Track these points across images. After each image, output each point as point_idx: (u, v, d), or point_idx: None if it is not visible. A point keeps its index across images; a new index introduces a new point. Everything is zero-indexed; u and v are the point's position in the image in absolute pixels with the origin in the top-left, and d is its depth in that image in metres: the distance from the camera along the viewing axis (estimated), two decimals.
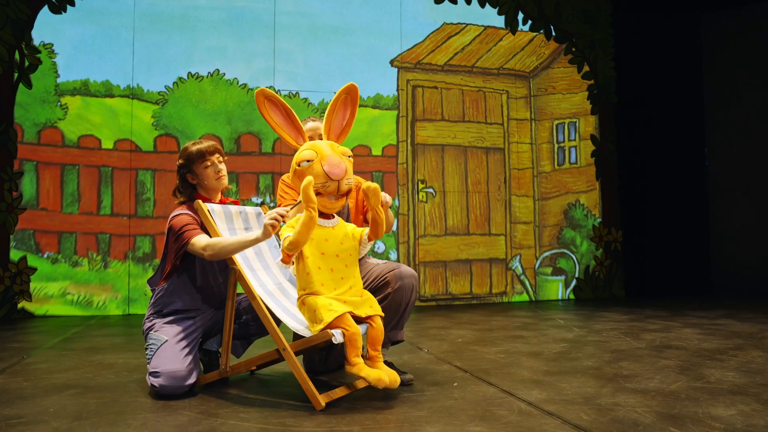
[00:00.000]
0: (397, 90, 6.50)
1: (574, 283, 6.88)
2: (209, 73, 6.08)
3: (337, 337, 2.36)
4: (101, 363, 3.33)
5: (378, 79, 6.47)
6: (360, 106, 6.52)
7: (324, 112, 6.23)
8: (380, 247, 6.33)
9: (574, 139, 6.99)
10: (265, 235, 2.42)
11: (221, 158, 2.85)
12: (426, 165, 6.50)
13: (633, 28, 7.21)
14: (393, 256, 6.34)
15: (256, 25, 6.22)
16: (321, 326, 2.36)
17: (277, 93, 6.34)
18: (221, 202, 2.91)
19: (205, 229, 2.74)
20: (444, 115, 6.58)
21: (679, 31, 7.44)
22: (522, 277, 6.71)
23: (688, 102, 7.42)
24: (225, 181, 2.86)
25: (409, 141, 6.47)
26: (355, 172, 6.28)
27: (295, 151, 2.55)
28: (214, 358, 3.00)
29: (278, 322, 2.61)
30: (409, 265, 6.28)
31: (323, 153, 2.43)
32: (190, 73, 6.04)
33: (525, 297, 6.72)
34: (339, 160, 2.42)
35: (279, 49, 6.26)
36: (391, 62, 6.52)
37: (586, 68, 7.09)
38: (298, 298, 2.51)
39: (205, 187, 2.83)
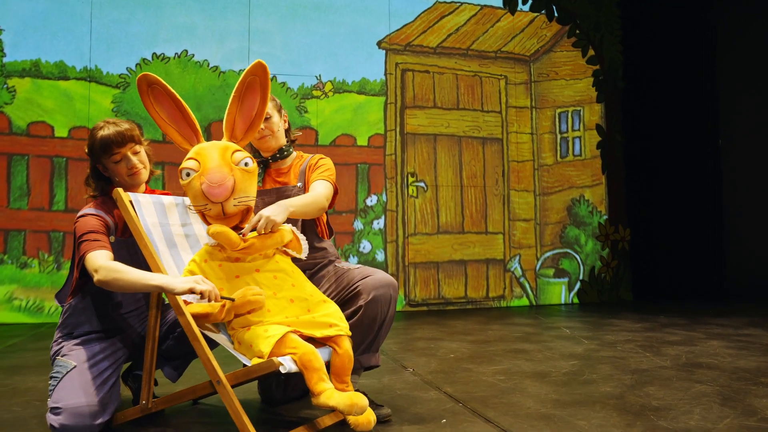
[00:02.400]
0: (385, 74, 5.94)
1: (578, 285, 6.33)
2: (176, 54, 5.50)
3: (287, 365, 1.80)
4: (15, 388, 2.74)
5: (364, 62, 5.91)
6: (344, 91, 6.01)
7: (302, 98, 5.76)
8: (366, 246, 5.76)
9: (579, 129, 6.45)
10: (182, 291, 1.85)
11: (137, 147, 2.24)
12: (417, 156, 5.94)
13: (641, 8, 6.68)
14: (380, 256, 5.77)
15: (229, 2, 5.64)
16: (265, 360, 1.81)
17: None
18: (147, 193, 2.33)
19: (125, 228, 2.17)
20: (436, 101, 6.02)
21: (691, 12, 6.89)
22: (521, 279, 6.16)
23: (701, 88, 6.87)
24: (142, 177, 2.26)
25: (397, 130, 5.90)
26: (340, 164, 5.70)
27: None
28: None
29: (213, 344, 2.05)
30: (398, 267, 5.73)
31: (206, 164, 1.90)
32: (154, 53, 5.45)
33: (525, 301, 6.16)
34: (223, 175, 1.88)
35: (254, 29, 5.68)
36: (379, 44, 5.95)
37: (591, 52, 6.55)
38: (232, 337, 1.97)
39: (118, 182, 2.25)
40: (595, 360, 3.28)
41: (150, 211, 2.21)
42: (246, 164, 1.94)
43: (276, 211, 2.01)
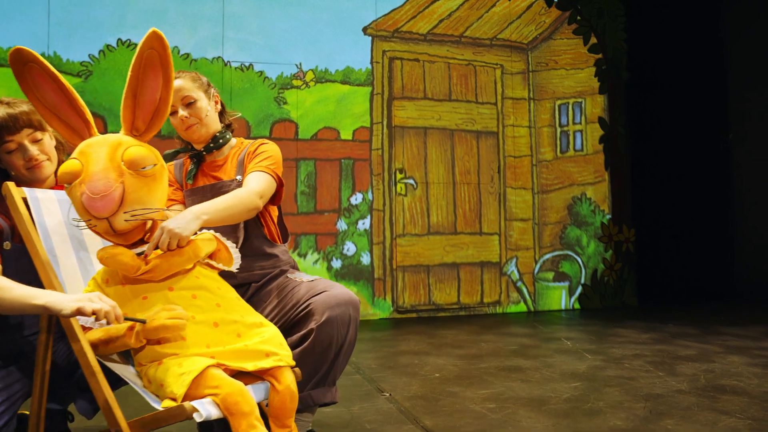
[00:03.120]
0: (372, 63, 5.50)
1: (579, 290, 5.90)
2: None
3: (204, 410, 1.39)
4: None
5: (348, 50, 5.47)
6: (327, 81, 5.57)
7: (280, 88, 5.28)
8: (350, 248, 5.33)
9: (580, 122, 6.01)
10: (70, 312, 1.45)
11: (38, 134, 1.82)
12: (405, 151, 5.51)
13: None
14: (366, 259, 5.34)
15: None
16: (175, 405, 1.40)
17: (225, 65, 5.39)
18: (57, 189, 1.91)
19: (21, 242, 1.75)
20: (427, 92, 5.59)
21: None
22: (519, 283, 5.73)
23: (709, 79, 6.48)
24: (45, 170, 1.84)
25: (385, 123, 5.48)
26: (322, 159, 5.27)
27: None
28: (59, 421, 2.02)
29: (117, 383, 1.63)
30: (385, 270, 5.32)
31: (88, 168, 1.48)
32: (120, 39, 5.02)
33: (522, 307, 5.73)
34: (107, 183, 1.47)
35: (229, 13, 5.25)
36: (365, 30, 5.52)
37: (594, 40, 6.11)
38: (140, 373, 1.55)
39: (15, 177, 1.84)
40: (601, 381, 2.86)
41: (52, 210, 1.79)
42: (143, 168, 1.51)
43: (181, 222, 1.58)
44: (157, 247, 1.56)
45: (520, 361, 3.39)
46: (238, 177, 1.94)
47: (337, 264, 5.28)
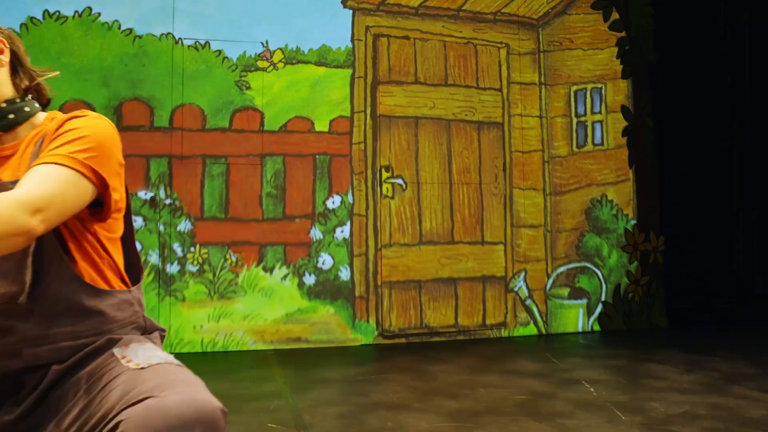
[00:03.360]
0: (353, 41, 4.78)
1: (599, 308, 5.13)
2: (77, 12, 4.33)
3: None
4: None
5: (325, 25, 4.74)
6: (299, 62, 4.74)
7: (243, 70, 4.61)
8: (326, 261, 4.52)
9: (599, 112, 5.31)
10: None
11: None
12: (393, 146, 4.79)
13: None
14: (345, 274, 4.53)
15: None
16: None
17: (176, 43, 4.60)
18: None
19: None
20: (418, 76, 4.88)
21: None
22: (528, 301, 4.96)
23: (750, 61, 5.69)
24: None
25: (368, 112, 4.76)
26: (292, 155, 4.48)
27: None
28: None
29: None
30: (368, 288, 4.59)
31: None
32: (47, 11, 4.28)
33: (532, 329, 4.93)
34: None
35: None
36: (344, 2, 4.77)
37: (615, 16, 5.40)
38: None
39: None
40: None
41: None
42: None
43: None
44: None
45: (529, 422, 2.52)
46: None
47: (310, 280, 4.50)
